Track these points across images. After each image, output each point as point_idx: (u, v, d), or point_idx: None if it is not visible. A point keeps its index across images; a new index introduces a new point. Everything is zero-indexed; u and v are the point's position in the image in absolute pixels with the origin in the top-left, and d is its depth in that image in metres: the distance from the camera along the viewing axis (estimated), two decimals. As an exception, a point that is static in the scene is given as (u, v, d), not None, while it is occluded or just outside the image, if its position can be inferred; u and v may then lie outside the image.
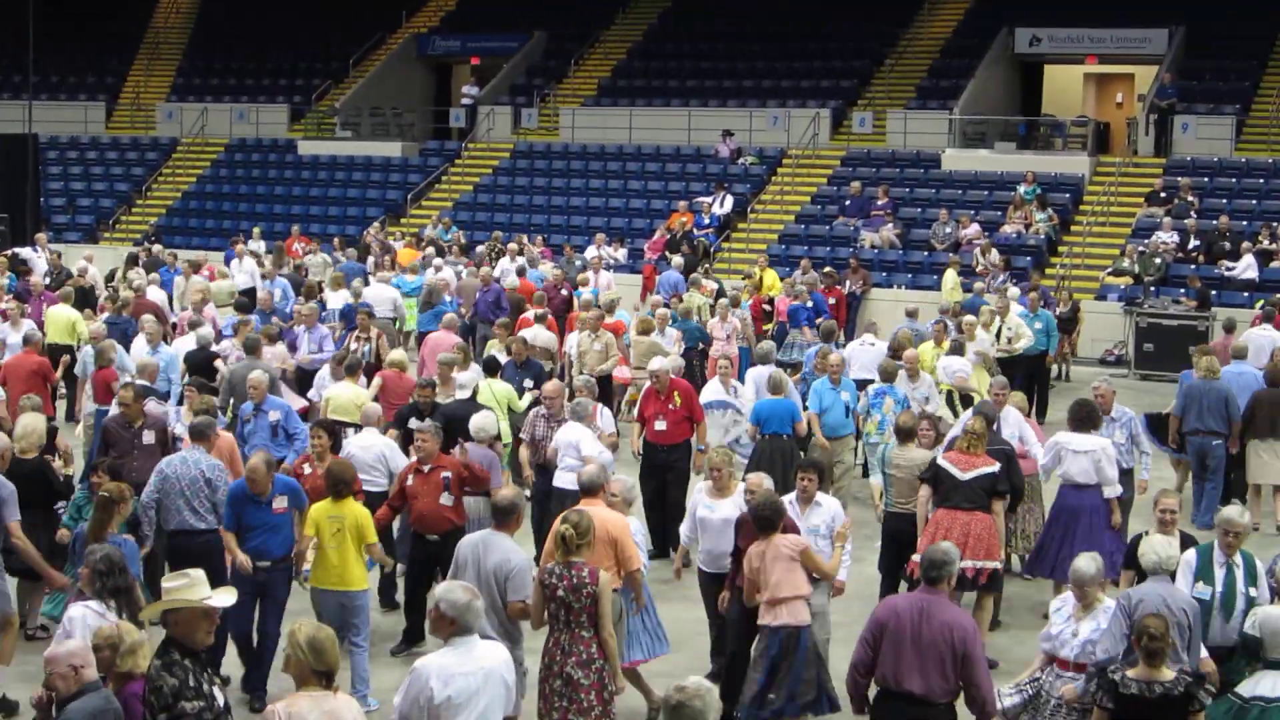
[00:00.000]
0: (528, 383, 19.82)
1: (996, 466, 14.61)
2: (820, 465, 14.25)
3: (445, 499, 14.49)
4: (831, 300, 28.57)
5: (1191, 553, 11.86)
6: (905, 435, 15.62)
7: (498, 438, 16.44)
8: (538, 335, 23.33)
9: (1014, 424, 16.68)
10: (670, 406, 17.97)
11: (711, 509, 13.75)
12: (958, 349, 21.55)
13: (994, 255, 33.56)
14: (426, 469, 14.58)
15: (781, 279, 30.79)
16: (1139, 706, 9.91)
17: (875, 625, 10.47)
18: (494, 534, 11.72)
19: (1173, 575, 11.49)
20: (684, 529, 14.46)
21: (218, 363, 21.10)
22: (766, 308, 28.62)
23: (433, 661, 9.10)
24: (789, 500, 13.22)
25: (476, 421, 16.01)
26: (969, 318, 24.10)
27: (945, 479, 14.53)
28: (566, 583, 11.06)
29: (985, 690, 10.26)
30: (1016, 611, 16.09)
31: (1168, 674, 9.99)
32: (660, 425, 17.97)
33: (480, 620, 9.37)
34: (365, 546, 13.23)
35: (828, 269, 30.86)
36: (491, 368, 19.59)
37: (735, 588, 12.83)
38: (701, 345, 25.07)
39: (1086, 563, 11.20)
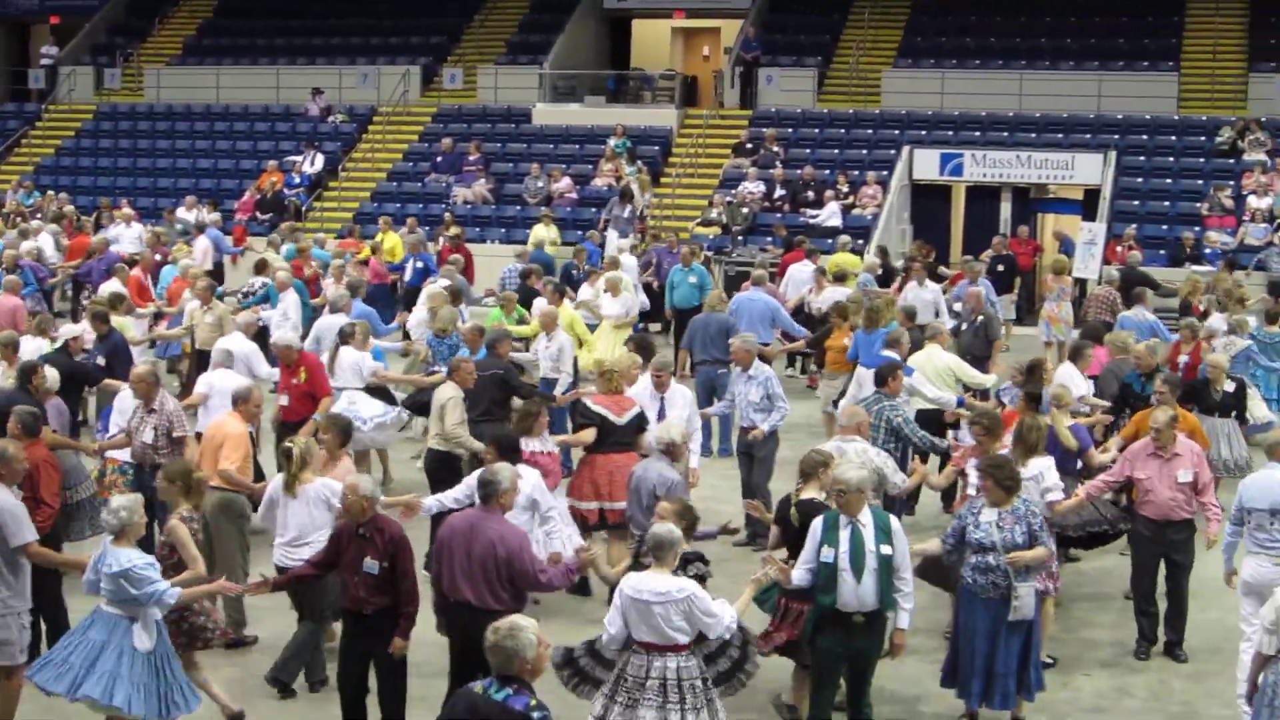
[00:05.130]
0: None
1: (638, 406, 15.08)
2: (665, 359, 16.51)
3: None
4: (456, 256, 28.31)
5: (819, 519, 11.51)
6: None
7: None
8: None
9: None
10: (294, 381, 17.06)
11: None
12: None
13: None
14: None
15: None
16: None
17: (437, 542, 11.30)
18: None
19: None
20: None
21: None
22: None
23: None
24: (648, 394, 15.43)
25: None
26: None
27: (606, 425, 14.78)
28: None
29: (529, 584, 10.97)
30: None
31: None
32: (283, 400, 17.11)
33: None
34: None
35: (454, 230, 30.83)
36: None
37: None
38: None
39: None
